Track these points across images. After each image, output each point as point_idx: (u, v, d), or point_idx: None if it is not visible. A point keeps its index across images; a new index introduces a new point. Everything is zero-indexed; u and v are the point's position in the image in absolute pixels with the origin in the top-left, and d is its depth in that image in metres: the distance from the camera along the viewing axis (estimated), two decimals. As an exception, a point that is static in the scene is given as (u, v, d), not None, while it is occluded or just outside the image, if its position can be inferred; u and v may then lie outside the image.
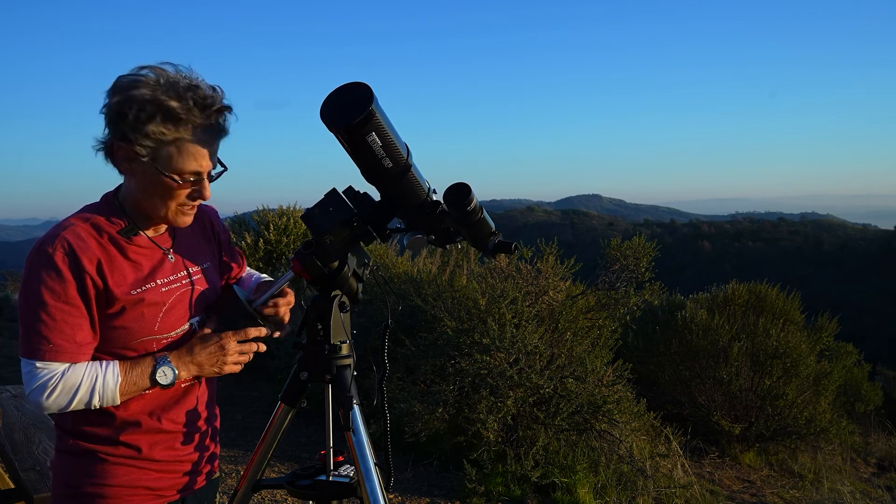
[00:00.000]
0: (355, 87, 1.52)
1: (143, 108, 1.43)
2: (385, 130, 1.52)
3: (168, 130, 1.45)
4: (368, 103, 1.47)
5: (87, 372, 1.50)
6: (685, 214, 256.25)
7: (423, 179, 1.68)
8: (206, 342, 1.62)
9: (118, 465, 1.59)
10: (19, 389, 4.25)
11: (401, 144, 1.58)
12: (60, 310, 1.46)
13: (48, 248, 1.46)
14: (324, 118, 1.51)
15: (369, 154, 1.53)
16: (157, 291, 1.57)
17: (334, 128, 1.51)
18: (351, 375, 1.74)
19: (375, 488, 1.64)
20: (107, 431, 1.58)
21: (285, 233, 8.76)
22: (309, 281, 1.70)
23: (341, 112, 1.50)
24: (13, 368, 7.88)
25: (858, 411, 9.28)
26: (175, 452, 1.65)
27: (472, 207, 1.66)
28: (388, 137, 1.53)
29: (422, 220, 1.72)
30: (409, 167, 1.61)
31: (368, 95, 1.49)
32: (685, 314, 7.17)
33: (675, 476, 5.11)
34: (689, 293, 8.61)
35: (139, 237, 1.57)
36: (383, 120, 1.52)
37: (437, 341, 4.93)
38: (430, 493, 4.56)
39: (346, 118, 1.48)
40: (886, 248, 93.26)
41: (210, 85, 1.52)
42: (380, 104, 1.51)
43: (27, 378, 1.48)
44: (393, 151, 1.55)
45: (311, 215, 1.66)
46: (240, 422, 6.08)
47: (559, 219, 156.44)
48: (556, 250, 5.73)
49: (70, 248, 1.47)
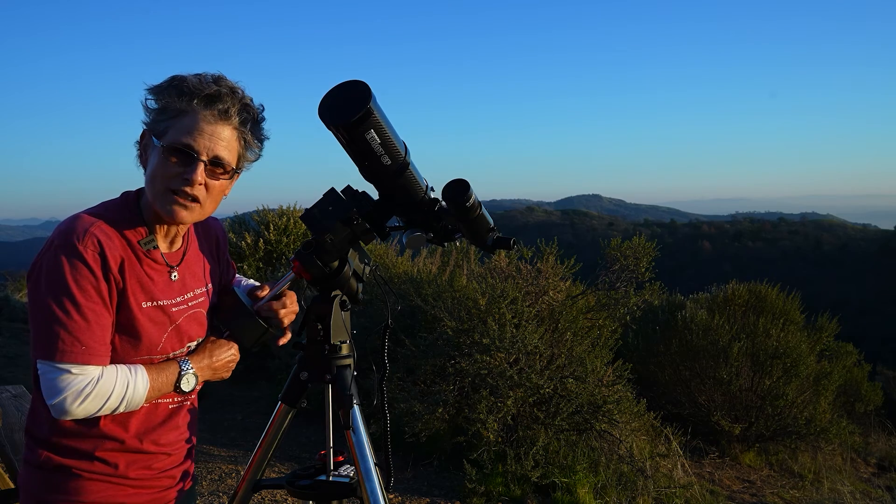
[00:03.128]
0: (353, 84, 1.51)
1: (162, 83, 1.48)
2: (383, 128, 1.53)
3: (174, 101, 1.45)
4: (367, 100, 1.48)
5: (119, 377, 1.44)
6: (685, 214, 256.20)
7: (421, 177, 1.69)
8: (222, 349, 1.64)
9: (93, 481, 1.51)
10: (19, 389, 4.25)
11: (399, 142, 1.59)
12: (92, 309, 1.40)
13: (76, 241, 1.39)
14: (322, 116, 1.51)
15: (368, 151, 1.54)
16: (165, 311, 1.54)
17: (333, 125, 1.51)
18: (351, 375, 1.74)
19: (375, 488, 1.64)
20: (85, 446, 1.51)
21: (285, 233, 8.76)
22: (309, 281, 1.70)
23: (340, 110, 1.50)
24: (13, 368, 7.87)
25: (858, 411, 9.28)
26: (151, 472, 1.60)
27: (470, 203, 1.66)
28: (386, 135, 1.53)
29: (420, 218, 1.72)
30: (408, 164, 1.62)
31: (366, 93, 1.49)
32: (685, 314, 7.17)
33: (675, 476, 5.12)
34: (689, 293, 8.61)
35: (155, 251, 1.53)
36: (381, 117, 1.53)
37: (437, 341, 4.93)
38: (430, 493, 4.56)
39: (344, 115, 1.48)
40: (886, 248, 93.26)
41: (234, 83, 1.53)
42: (378, 102, 1.52)
43: (55, 385, 1.39)
44: (391, 149, 1.56)
45: (311, 215, 1.66)
46: (240, 422, 6.08)
47: (559, 219, 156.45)
48: (556, 250, 5.73)
49: (100, 245, 1.41)
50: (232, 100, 1.49)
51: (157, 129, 1.47)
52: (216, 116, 1.48)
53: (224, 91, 1.48)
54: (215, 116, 1.48)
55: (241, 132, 1.53)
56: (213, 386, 1.94)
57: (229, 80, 1.51)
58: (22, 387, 4.34)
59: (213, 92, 1.47)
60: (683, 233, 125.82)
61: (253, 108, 1.55)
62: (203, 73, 1.50)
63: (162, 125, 1.47)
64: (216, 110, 1.47)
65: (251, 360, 7.01)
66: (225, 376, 1.69)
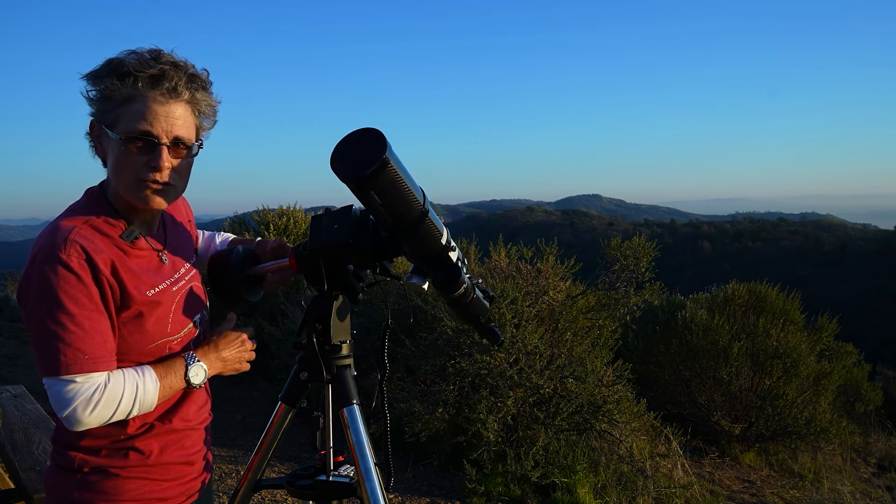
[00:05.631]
0: (368, 134, 1.40)
1: (99, 70, 1.41)
2: (400, 178, 1.41)
3: (116, 85, 1.38)
4: (382, 151, 1.36)
5: (128, 380, 1.43)
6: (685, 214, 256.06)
7: (440, 224, 1.58)
8: (227, 338, 1.63)
9: (129, 479, 1.52)
10: (19, 389, 4.25)
11: (416, 189, 1.47)
12: (88, 318, 1.38)
13: (60, 253, 1.36)
14: (335, 169, 1.40)
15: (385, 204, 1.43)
16: (167, 292, 1.55)
17: (347, 180, 1.40)
18: (351, 375, 1.74)
19: (375, 488, 1.64)
20: (116, 441, 1.51)
21: (285, 233, 8.75)
22: (309, 281, 1.70)
23: (354, 162, 1.38)
24: (13, 368, 7.87)
25: (858, 411, 9.28)
26: (184, 452, 1.62)
27: (458, 294, 1.67)
28: (403, 184, 1.42)
29: (428, 267, 1.68)
30: (427, 212, 1.51)
31: (381, 143, 1.38)
32: (685, 314, 7.17)
33: (675, 476, 5.11)
34: (689, 293, 8.61)
35: (139, 240, 1.51)
36: (398, 167, 1.41)
37: (437, 341, 4.93)
38: (430, 493, 4.56)
39: (359, 168, 1.37)
40: (886, 248, 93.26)
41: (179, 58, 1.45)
42: (393, 150, 1.40)
43: (63, 396, 1.37)
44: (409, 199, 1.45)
45: (319, 223, 1.63)
46: (240, 422, 6.08)
47: (559, 219, 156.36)
48: (556, 250, 5.73)
49: (85, 251, 1.38)
50: (177, 74, 1.42)
51: (106, 120, 1.42)
52: (166, 96, 1.41)
53: (167, 68, 1.41)
54: (165, 96, 1.41)
55: (193, 104, 1.48)
56: (214, 386, 1.94)
57: (168, 54, 1.44)
58: (22, 387, 4.34)
59: (156, 72, 1.40)
60: (683, 233, 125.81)
61: (199, 76, 1.48)
62: (139, 50, 1.42)
63: (111, 115, 1.41)
64: (164, 89, 1.41)
65: (251, 360, 7.01)
66: (242, 368, 1.67)
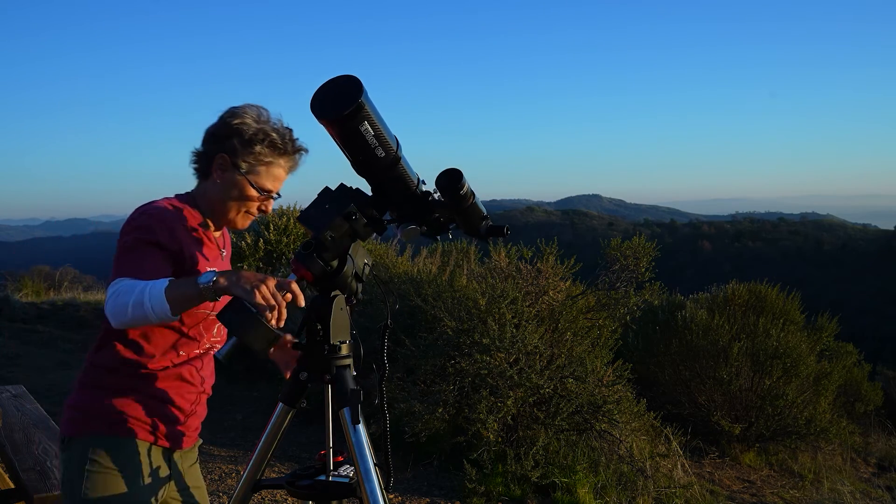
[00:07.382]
0: (345, 79, 1.56)
1: (256, 133, 1.79)
2: (375, 121, 1.56)
3: (267, 154, 1.81)
4: (359, 94, 1.51)
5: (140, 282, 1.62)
6: (685, 214, 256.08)
7: (413, 170, 1.72)
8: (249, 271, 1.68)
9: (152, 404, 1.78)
10: (19, 389, 4.25)
11: (390, 135, 1.62)
12: (142, 249, 1.68)
13: (152, 209, 1.75)
14: (314, 110, 1.55)
15: (361, 145, 1.57)
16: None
17: (325, 119, 1.54)
18: (351, 375, 1.74)
19: (375, 488, 1.64)
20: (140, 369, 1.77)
21: (285, 233, 8.75)
22: (310, 281, 1.70)
23: (332, 103, 1.54)
24: (13, 368, 7.87)
25: (858, 411, 9.27)
26: (190, 404, 1.86)
27: (464, 192, 1.69)
28: (378, 128, 1.57)
29: (413, 211, 1.75)
30: (400, 157, 1.65)
31: (358, 86, 1.53)
32: (685, 314, 7.16)
33: (675, 476, 5.11)
34: (689, 293, 8.60)
35: (210, 231, 1.88)
36: (373, 110, 1.56)
37: (437, 341, 4.93)
38: (430, 493, 4.56)
39: (337, 109, 1.52)
40: (886, 248, 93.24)
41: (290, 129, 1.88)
42: (369, 95, 1.55)
43: (108, 291, 1.63)
44: (383, 141, 1.59)
45: (308, 215, 1.69)
46: (240, 422, 6.08)
47: (559, 219, 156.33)
48: (556, 250, 5.73)
49: (168, 216, 1.76)
50: (300, 154, 1.89)
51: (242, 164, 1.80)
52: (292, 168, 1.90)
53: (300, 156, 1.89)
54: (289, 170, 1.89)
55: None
56: (213, 386, 1.98)
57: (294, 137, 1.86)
58: (22, 387, 4.34)
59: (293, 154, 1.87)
60: (683, 233, 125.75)
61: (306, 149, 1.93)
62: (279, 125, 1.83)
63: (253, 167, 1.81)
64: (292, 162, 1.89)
65: (251, 360, 7.01)
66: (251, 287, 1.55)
